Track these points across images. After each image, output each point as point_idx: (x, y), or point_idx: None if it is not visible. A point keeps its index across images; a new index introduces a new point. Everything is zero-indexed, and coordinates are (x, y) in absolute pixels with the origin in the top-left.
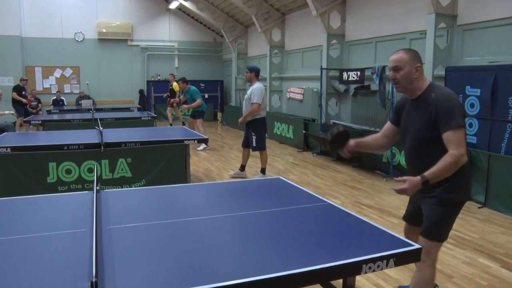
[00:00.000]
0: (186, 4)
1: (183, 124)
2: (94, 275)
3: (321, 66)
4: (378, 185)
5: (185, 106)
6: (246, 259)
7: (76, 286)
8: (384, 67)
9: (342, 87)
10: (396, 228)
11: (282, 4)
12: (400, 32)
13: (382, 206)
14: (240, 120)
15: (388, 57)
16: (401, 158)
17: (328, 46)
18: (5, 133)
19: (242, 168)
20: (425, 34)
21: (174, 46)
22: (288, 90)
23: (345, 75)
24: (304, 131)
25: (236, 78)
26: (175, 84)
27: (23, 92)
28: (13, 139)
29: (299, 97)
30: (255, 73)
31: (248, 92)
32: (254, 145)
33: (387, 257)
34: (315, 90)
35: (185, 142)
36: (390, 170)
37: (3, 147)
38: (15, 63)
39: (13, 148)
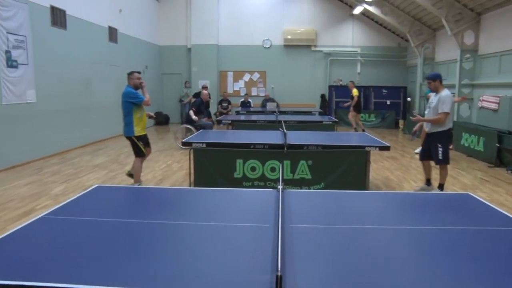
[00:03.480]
0: (370, 8)
1: (363, 130)
2: (279, 269)
3: None
4: None
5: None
6: (422, 277)
7: (261, 277)
8: None
9: None
10: None
11: (477, 3)
12: None
13: None
14: (427, 130)
15: None
16: None
17: None
18: (201, 130)
19: (428, 182)
20: None
21: (356, 51)
22: (481, 98)
23: None
24: (497, 145)
25: (421, 84)
26: (354, 90)
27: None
28: (207, 136)
29: (494, 106)
30: (439, 81)
31: (434, 99)
32: (441, 157)
33: None
34: None
35: (366, 148)
36: None
37: (200, 143)
38: (212, 69)
39: (208, 144)
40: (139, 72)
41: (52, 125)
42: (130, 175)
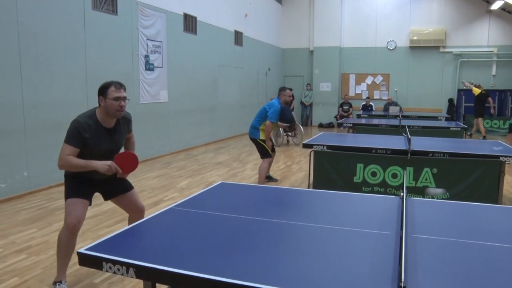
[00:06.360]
0: None
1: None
2: (402, 280)
3: None
4: None
5: None
6: None
7: (381, 286)
8: None
9: None
10: None
11: None
12: None
13: None
14: None
15: None
16: None
17: None
18: (322, 133)
19: None
20: None
21: (492, 51)
22: None
23: None
24: None
25: None
26: (475, 89)
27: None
28: (328, 139)
29: None
30: None
31: None
32: None
33: None
34: None
35: (501, 158)
36: None
37: (320, 145)
38: (333, 71)
39: (328, 147)
40: (291, 89)
41: (180, 124)
42: (268, 177)
